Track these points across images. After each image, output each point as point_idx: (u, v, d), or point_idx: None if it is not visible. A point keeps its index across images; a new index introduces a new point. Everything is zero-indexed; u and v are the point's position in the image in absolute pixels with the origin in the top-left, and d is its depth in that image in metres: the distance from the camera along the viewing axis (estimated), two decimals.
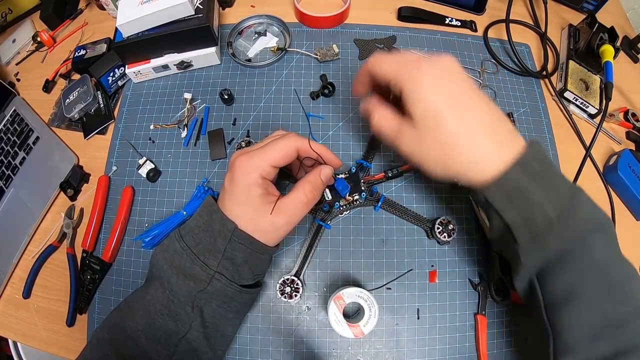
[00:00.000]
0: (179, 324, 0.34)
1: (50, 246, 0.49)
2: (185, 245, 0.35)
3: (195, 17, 0.52)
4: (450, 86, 0.31)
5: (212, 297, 0.35)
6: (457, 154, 0.31)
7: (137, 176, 0.51)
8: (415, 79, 0.31)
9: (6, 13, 0.67)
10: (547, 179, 0.30)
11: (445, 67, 0.32)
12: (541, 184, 0.30)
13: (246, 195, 0.34)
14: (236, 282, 0.36)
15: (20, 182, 0.53)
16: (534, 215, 0.30)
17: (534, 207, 0.30)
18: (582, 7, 0.67)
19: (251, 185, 0.34)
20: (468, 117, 0.31)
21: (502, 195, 0.31)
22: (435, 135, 0.31)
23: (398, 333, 0.44)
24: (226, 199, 0.35)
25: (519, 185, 0.30)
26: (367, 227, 0.48)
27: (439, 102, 0.31)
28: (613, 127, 0.59)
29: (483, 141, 0.31)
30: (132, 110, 0.56)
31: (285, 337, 0.44)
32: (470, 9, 0.65)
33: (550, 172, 0.31)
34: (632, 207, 0.53)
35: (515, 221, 0.31)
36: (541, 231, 0.30)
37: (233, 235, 0.34)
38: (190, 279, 0.34)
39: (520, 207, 0.30)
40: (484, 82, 0.58)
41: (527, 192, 0.30)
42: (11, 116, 0.57)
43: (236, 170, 0.35)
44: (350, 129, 0.53)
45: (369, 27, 0.61)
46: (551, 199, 0.30)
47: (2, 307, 0.49)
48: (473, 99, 0.32)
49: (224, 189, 0.36)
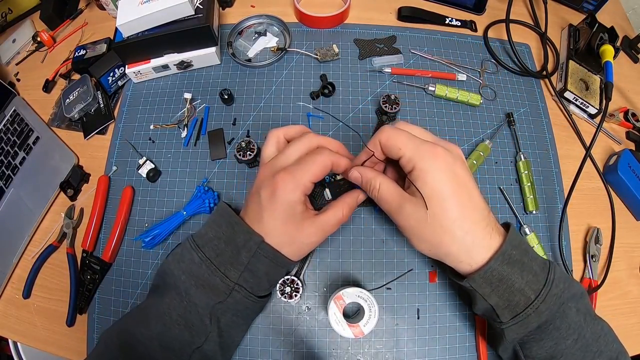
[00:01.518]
0: (194, 335, 0.34)
1: (50, 246, 0.49)
2: (204, 255, 0.35)
3: (195, 17, 0.52)
4: (457, 173, 0.34)
5: (229, 308, 0.35)
6: (451, 240, 0.33)
7: (137, 176, 0.51)
8: (431, 161, 0.33)
9: (6, 13, 0.67)
10: (524, 264, 0.34)
11: (456, 156, 0.35)
12: (519, 268, 0.33)
13: (290, 212, 0.34)
14: (254, 294, 0.36)
15: (20, 182, 0.53)
16: (515, 298, 0.33)
17: (515, 292, 0.33)
18: (582, 7, 0.67)
19: (295, 203, 0.34)
20: (468, 205, 0.33)
21: (486, 284, 0.34)
22: (435, 219, 0.33)
23: (398, 333, 0.44)
24: (265, 214, 0.35)
25: (501, 274, 0.33)
26: (367, 227, 0.48)
27: (446, 187, 0.33)
28: (613, 127, 0.59)
29: (476, 230, 0.33)
30: (132, 110, 0.56)
31: (285, 337, 0.44)
32: (470, 9, 0.65)
33: (526, 256, 0.34)
34: (632, 207, 0.53)
35: (499, 304, 0.34)
36: (522, 310, 0.33)
37: (259, 249, 0.34)
38: (209, 290, 0.34)
39: (502, 293, 0.33)
40: (484, 82, 0.58)
41: (508, 280, 0.33)
42: (11, 116, 0.57)
43: (279, 187, 0.34)
44: (350, 129, 0.53)
45: (369, 27, 0.61)
46: (529, 282, 0.33)
47: (2, 307, 0.49)
48: (471, 188, 0.34)
49: (260, 203, 0.35)
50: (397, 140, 0.34)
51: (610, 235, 0.51)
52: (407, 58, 0.59)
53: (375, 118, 0.54)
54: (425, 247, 0.35)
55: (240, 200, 0.50)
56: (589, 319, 0.34)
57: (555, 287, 0.33)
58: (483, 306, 0.35)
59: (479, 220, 0.34)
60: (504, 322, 0.34)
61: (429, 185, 0.33)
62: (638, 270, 0.51)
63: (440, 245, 0.34)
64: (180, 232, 0.48)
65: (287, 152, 0.37)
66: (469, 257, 0.34)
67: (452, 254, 0.34)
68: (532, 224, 0.50)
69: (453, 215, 0.33)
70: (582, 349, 0.33)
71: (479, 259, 0.34)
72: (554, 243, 0.49)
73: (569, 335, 0.33)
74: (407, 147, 0.34)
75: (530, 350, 0.34)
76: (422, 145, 0.34)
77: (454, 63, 0.59)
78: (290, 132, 0.40)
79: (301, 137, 0.38)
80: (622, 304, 0.49)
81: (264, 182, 0.35)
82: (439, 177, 0.33)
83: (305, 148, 0.37)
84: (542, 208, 0.51)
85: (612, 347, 0.34)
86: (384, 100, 0.51)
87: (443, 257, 0.35)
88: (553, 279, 0.33)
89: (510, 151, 0.54)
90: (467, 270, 0.35)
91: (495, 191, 0.51)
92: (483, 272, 0.33)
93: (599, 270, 0.50)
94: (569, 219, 0.51)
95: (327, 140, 0.38)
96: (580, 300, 0.35)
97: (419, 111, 0.55)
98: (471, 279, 0.34)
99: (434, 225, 0.33)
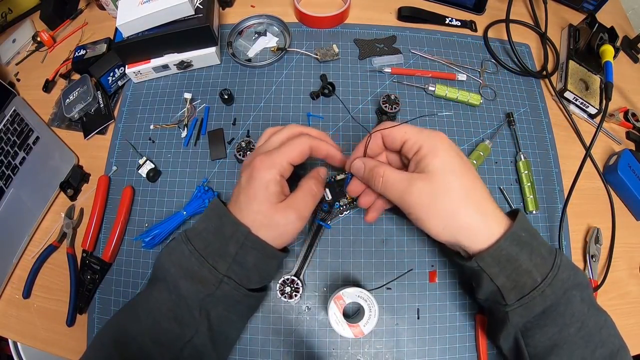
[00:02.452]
0: (184, 328, 0.34)
1: (50, 246, 0.49)
2: (193, 248, 0.35)
3: (195, 17, 0.52)
4: (463, 158, 0.36)
5: (219, 301, 0.35)
6: (466, 211, 0.34)
7: (137, 176, 0.51)
8: (439, 140, 0.35)
9: (6, 13, 0.67)
10: (532, 247, 0.34)
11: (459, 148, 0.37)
12: (528, 251, 0.34)
13: (264, 191, 0.35)
14: (244, 286, 0.36)
15: (20, 182, 0.53)
16: (522, 279, 0.33)
17: (522, 273, 0.33)
18: (582, 7, 0.67)
19: (270, 182, 0.35)
20: (478, 181, 0.35)
21: (495, 263, 0.34)
22: (449, 190, 0.34)
23: (398, 333, 0.44)
24: (241, 196, 0.35)
25: (510, 254, 0.33)
26: (367, 227, 0.48)
27: (456, 161, 0.34)
28: (613, 127, 0.59)
29: (489, 203, 0.35)
30: (132, 110, 0.56)
31: (285, 337, 0.44)
32: (470, 9, 0.65)
33: (535, 240, 0.35)
34: (632, 207, 0.53)
35: (506, 285, 0.34)
36: (528, 292, 0.33)
37: (246, 240, 0.34)
38: (198, 282, 0.34)
39: (510, 273, 0.33)
40: (484, 82, 0.58)
41: (516, 261, 0.33)
42: (11, 116, 0.57)
43: (255, 167, 0.35)
44: (350, 129, 0.53)
45: (369, 27, 0.61)
46: (537, 264, 0.33)
47: (2, 307, 0.49)
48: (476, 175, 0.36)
49: (240, 187, 0.36)
50: (400, 129, 0.37)
51: (610, 235, 0.51)
52: (407, 58, 0.59)
53: (375, 118, 0.54)
54: (439, 224, 0.35)
55: None
56: (592, 309, 0.34)
57: (561, 272, 0.33)
58: (489, 289, 0.35)
59: (488, 195, 0.35)
60: (509, 305, 0.34)
61: (440, 157, 0.34)
62: (638, 270, 0.51)
63: (456, 217, 0.34)
64: (180, 232, 0.48)
65: (270, 140, 0.39)
66: (486, 227, 0.34)
67: (468, 226, 0.34)
68: (532, 224, 0.49)
69: (466, 185, 0.34)
70: (584, 338, 0.33)
71: (487, 240, 0.34)
72: (554, 243, 0.49)
73: (572, 322, 0.33)
74: (412, 131, 0.36)
75: (532, 338, 0.34)
76: (426, 130, 0.36)
77: (454, 63, 0.59)
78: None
79: (284, 127, 0.39)
80: (622, 304, 0.49)
81: (244, 168, 0.37)
82: (448, 153, 0.34)
83: (286, 136, 0.38)
84: (542, 208, 0.51)
85: (614, 341, 0.34)
86: (384, 100, 0.51)
87: (457, 233, 0.34)
88: (560, 264, 0.34)
89: (510, 151, 0.54)
90: (477, 247, 0.34)
91: (495, 191, 0.51)
92: (493, 250, 0.33)
93: (599, 270, 0.50)
94: (569, 219, 0.51)
95: (309, 129, 0.40)
96: (584, 290, 0.35)
97: (419, 111, 0.55)
98: (480, 258, 0.34)
99: (449, 197, 0.33)
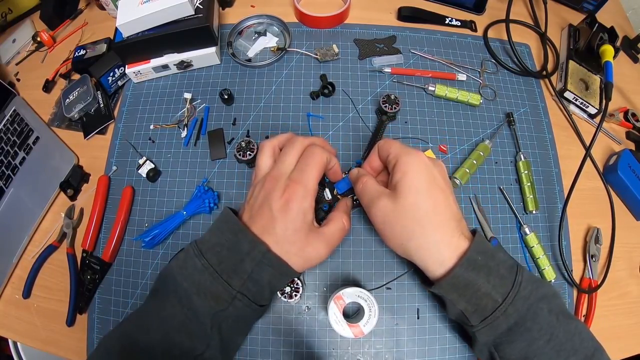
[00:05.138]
0: (196, 342, 0.34)
1: (50, 246, 0.49)
2: (206, 262, 0.35)
3: (195, 17, 0.52)
4: (436, 176, 0.36)
5: (231, 316, 0.35)
6: (422, 233, 0.35)
7: (137, 176, 0.51)
8: (414, 158, 0.36)
9: (6, 13, 0.67)
10: (490, 268, 0.34)
11: (438, 164, 0.38)
12: (485, 273, 0.34)
13: (302, 220, 0.35)
14: (256, 303, 0.36)
15: (20, 182, 0.53)
16: (482, 302, 0.34)
17: (481, 296, 0.34)
18: (582, 7, 0.67)
19: (307, 210, 0.35)
20: (441, 203, 0.35)
21: (453, 289, 0.34)
22: (409, 209, 0.34)
23: (398, 333, 0.44)
24: (277, 225, 0.34)
25: (467, 279, 0.34)
26: (367, 227, 0.48)
27: (423, 181, 0.35)
28: (613, 127, 0.59)
29: (446, 228, 0.35)
30: (132, 110, 0.56)
31: (285, 337, 0.44)
32: (470, 9, 0.65)
33: (492, 261, 0.35)
34: (632, 207, 0.53)
35: (467, 309, 0.35)
36: (490, 313, 0.34)
37: (264, 258, 0.34)
38: (211, 298, 0.34)
39: (470, 298, 0.34)
40: (484, 82, 0.58)
41: (474, 285, 0.34)
42: (11, 116, 0.57)
43: (292, 198, 0.35)
44: (350, 129, 0.53)
45: (369, 27, 0.61)
46: (495, 285, 0.34)
47: (2, 307, 0.49)
48: (446, 191, 0.36)
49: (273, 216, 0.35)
50: (391, 144, 0.38)
51: (610, 235, 0.51)
52: (407, 58, 0.59)
53: (375, 118, 0.54)
54: (396, 242, 0.36)
55: (240, 200, 0.50)
56: (562, 318, 0.35)
57: (523, 289, 0.34)
58: (454, 311, 0.37)
59: (450, 219, 0.35)
60: (474, 326, 0.35)
61: (408, 176, 0.35)
62: (638, 270, 0.51)
63: (411, 237, 0.35)
64: (180, 232, 0.48)
65: (284, 160, 0.38)
66: (437, 252, 0.35)
67: (421, 247, 0.35)
68: (532, 224, 0.50)
69: (426, 208, 0.34)
70: (555, 349, 0.33)
71: (447, 259, 0.34)
72: (554, 243, 0.50)
73: (540, 335, 0.33)
74: (396, 147, 0.37)
75: (503, 351, 0.34)
76: (409, 148, 0.37)
77: (454, 63, 0.59)
78: (282, 140, 0.41)
79: (292, 143, 0.39)
80: (622, 304, 0.49)
81: (272, 194, 0.35)
82: (418, 172, 0.35)
83: (298, 151, 0.39)
84: (542, 208, 0.51)
85: (588, 345, 0.34)
86: (384, 100, 0.51)
87: (413, 253, 0.36)
88: (520, 281, 0.34)
89: (510, 151, 0.54)
90: (435, 273, 0.35)
91: (495, 191, 0.51)
92: (449, 278, 0.34)
93: (599, 270, 0.50)
94: (569, 219, 0.51)
95: (315, 140, 0.41)
96: (552, 300, 0.35)
97: (419, 111, 0.55)
98: (438, 286, 0.35)
99: (407, 216, 0.34)
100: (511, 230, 0.50)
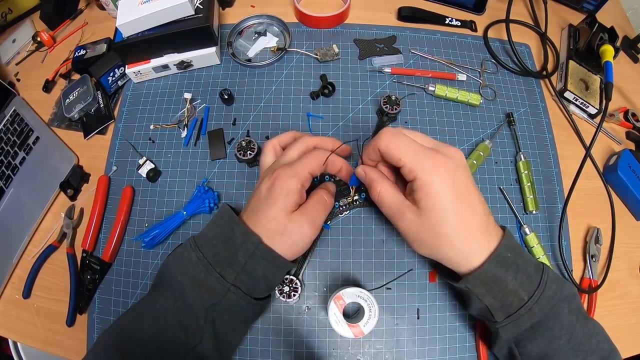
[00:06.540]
0: (189, 336, 0.34)
1: (50, 246, 0.49)
2: (201, 255, 0.35)
3: (195, 17, 0.52)
4: (458, 181, 0.34)
5: (225, 310, 0.35)
6: (450, 246, 0.34)
7: (137, 176, 0.51)
8: (432, 173, 0.33)
9: (6, 13, 0.67)
10: (518, 266, 0.35)
11: (457, 162, 0.35)
12: (513, 270, 0.34)
13: (283, 199, 0.35)
14: (251, 296, 0.36)
15: (20, 182, 0.53)
16: (509, 299, 0.34)
17: (509, 293, 0.34)
18: (582, 7, 0.67)
19: (290, 190, 0.35)
20: (467, 212, 0.34)
21: (481, 285, 0.35)
22: (434, 228, 0.34)
23: (398, 333, 0.44)
24: (259, 204, 0.35)
25: (495, 275, 0.34)
26: (367, 227, 0.48)
27: (447, 198, 0.33)
28: (613, 127, 0.59)
29: (475, 236, 0.34)
30: (132, 110, 0.56)
31: (285, 337, 0.44)
32: (470, 9, 0.65)
33: (520, 259, 0.35)
34: (632, 207, 0.53)
35: (493, 305, 0.35)
36: (516, 310, 0.34)
37: (256, 250, 0.34)
38: (205, 291, 0.34)
39: (497, 294, 0.34)
40: (484, 82, 0.58)
41: (502, 281, 0.34)
42: (11, 116, 0.57)
43: (277, 177, 0.36)
44: (350, 129, 0.53)
45: (369, 27, 0.61)
46: (523, 283, 0.34)
47: (2, 307, 0.49)
48: (472, 193, 0.35)
49: (259, 196, 0.36)
50: (397, 149, 0.34)
51: (610, 235, 0.51)
52: (407, 58, 0.59)
53: (375, 118, 0.54)
54: (425, 252, 0.37)
55: (240, 200, 0.50)
56: (581, 318, 0.35)
57: (548, 289, 0.34)
58: (478, 306, 0.37)
59: (478, 227, 0.35)
60: (499, 322, 0.35)
61: (430, 197, 0.33)
62: (638, 270, 0.51)
63: (439, 250, 0.35)
64: (180, 232, 0.48)
65: (287, 153, 0.39)
66: (467, 260, 0.35)
67: (451, 258, 0.35)
68: (532, 224, 0.50)
69: (452, 223, 0.34)
70: (574, 348, 0.34)
71: (476, 262, 0.35)
72: (554, 243, 0.50)
73: (561, 334, 0.34)
74: (407, 157, 0.34)
75: (524, 348, 0.35)
76: (422, 155, 0.34)
77: (454, 63, 0.59)
78: (283, 139, 0.42)
79: (299, 140, 0.40)
80: (622, 304, 0.49)
81: (264, 179, 0.37)
82: (440, 189, 0.33)
83: (303, 149, 0.39)
84: (542, 208, 0.51)
85: (604, 346, 0.35)
86: (385, 101, 0.51)
87: (442, 261, 0.37)
88: (546, 281, 0.35)
89: (510, 151, 0.54)
90: (464, 272, 0.36)
91: (495, 191, 0.51)
92: (478, 273, 0.34)
93: (599, 270, 0.50)
94: (569, 219, 0.51)
95: (323, 140, 0.40)
96: (572, 301, 0.36)
97: (419, 111, 0.55)
98: (467, 280, 0.35)
99: (434, 233, 0.34)
100: (511, 230, 0.49)
